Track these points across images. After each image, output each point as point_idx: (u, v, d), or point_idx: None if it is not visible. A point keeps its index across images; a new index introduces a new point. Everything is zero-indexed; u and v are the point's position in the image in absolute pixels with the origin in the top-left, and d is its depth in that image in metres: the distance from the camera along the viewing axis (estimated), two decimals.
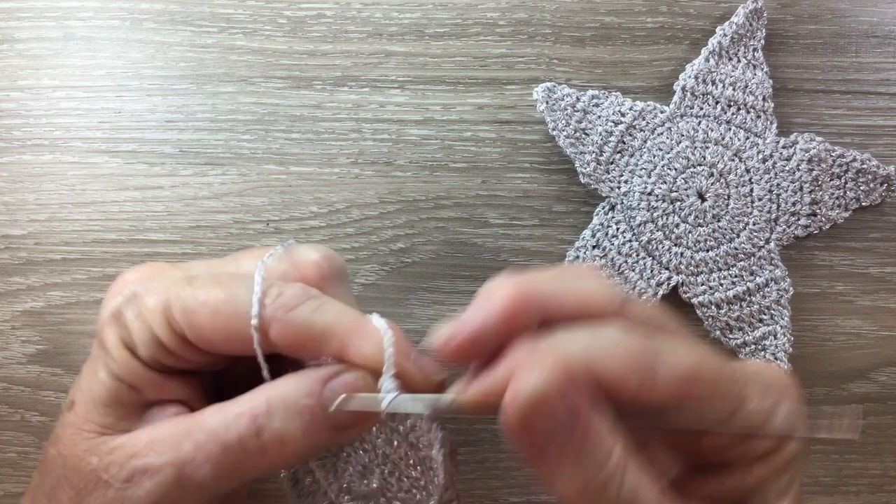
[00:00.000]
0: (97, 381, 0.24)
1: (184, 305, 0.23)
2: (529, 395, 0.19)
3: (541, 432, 0.19)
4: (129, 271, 0.26)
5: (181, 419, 0.23)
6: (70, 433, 0.24)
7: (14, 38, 0.36)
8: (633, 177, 0.35)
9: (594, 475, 0.20)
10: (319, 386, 0.23)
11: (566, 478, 0.20)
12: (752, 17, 0.36)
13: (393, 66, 0.36)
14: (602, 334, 0.20)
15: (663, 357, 0.20)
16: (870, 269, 0.36)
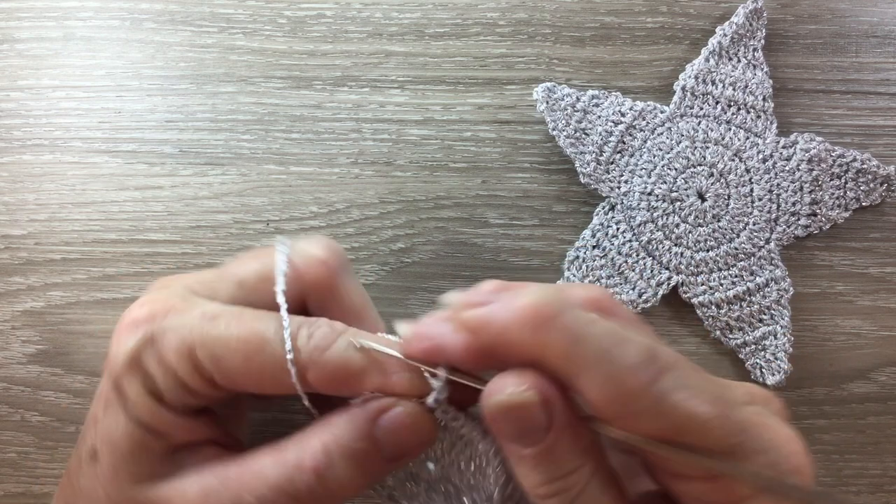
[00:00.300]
0: (120, 430, 0.23)
1: (211, 351, 0.22)
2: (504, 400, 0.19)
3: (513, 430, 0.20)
4: (137, 305, 0.24)
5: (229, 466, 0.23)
6: (100, 486, 0.23)
7: (14, 38, 0.36)
8: (633, 177, 0.35)
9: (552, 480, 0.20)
10: (371, 426, 0.22)
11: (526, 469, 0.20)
12: (752, 17, 0.36)
13: (393, 66, 0.36)
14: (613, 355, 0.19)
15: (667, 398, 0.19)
16: (870, 269, 0.36)
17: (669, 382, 0.19)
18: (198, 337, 0.23)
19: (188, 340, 0.23)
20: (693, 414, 0.19)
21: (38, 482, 0.35)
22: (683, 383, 0.19)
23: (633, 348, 0.19)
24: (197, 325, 0.23)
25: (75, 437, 0.34)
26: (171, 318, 0.23)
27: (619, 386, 0.19)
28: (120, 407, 0.23)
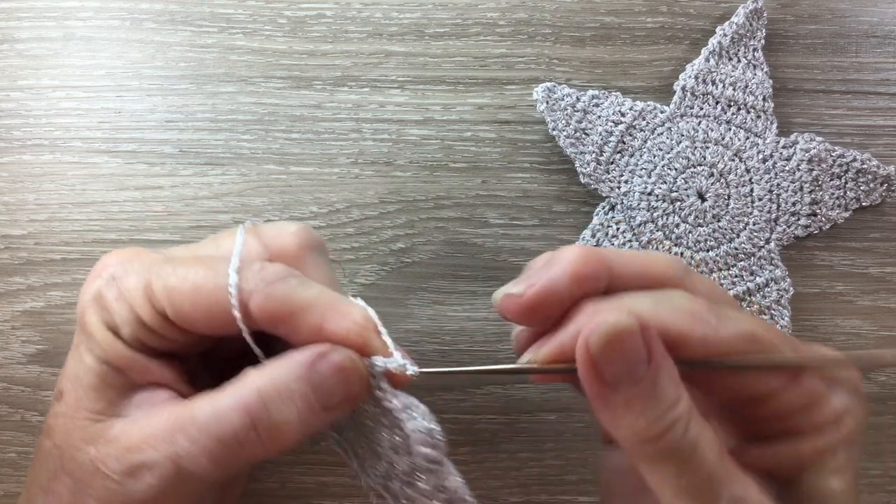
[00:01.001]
0: (83, 367, 0.24)
1: (164, 283, 0.23)
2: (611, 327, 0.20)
3: (617, 367, 0.20)
4: (108, 255, 0.26)
5: (171, 410, 0.23)
6: (63, 423, 0.24)
7: (14, 38, 0.36)
8: (633, 177, 0.35)
9: (660, 417, 0.20)
10: (308, 369, 0.22)
11: (631, 418, 0.21)
12: (752, 17, 0.36)
13: (393, 66, 0.36)
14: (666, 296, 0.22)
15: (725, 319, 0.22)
16: (870, 269, 0.36)
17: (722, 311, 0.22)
18: (154, 273, 0.23)
19: (145, 276, 0.23)
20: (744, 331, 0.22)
21: None
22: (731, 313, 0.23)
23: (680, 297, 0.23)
24: (156, 263, 0.24)
25: None
26: (136, 262, 0.24)
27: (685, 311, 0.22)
28: (83, 344, 0.24)
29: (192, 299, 0.23)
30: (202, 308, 0.23)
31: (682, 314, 0.21)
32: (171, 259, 0.24)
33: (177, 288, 0.23)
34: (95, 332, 0.24)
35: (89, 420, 0.23)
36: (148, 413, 0.23)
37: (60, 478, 0.23)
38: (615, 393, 0.20)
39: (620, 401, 0.20)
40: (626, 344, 0.20)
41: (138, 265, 0.24)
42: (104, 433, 0.23)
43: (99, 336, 0.24)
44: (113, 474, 0.22)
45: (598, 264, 0.22)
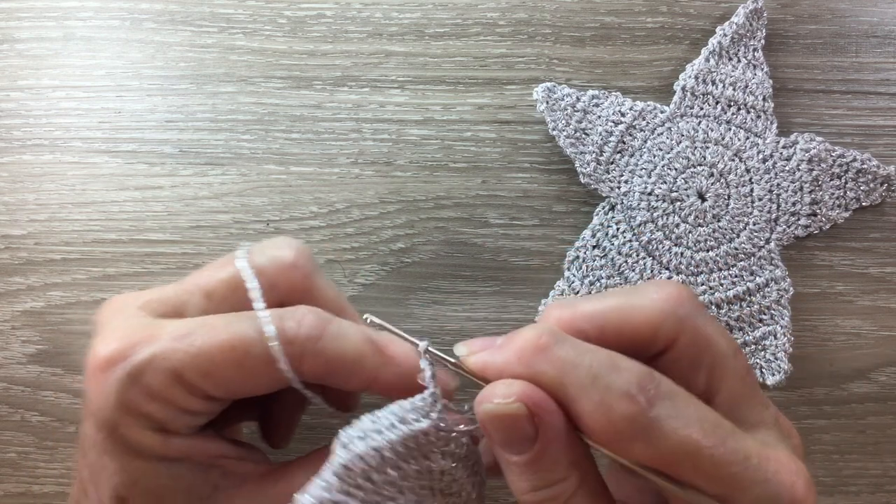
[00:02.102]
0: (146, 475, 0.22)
1: (199, 370, 0.22)
2: (493, 408, 0.20)
3: (499, 437, 0.20)
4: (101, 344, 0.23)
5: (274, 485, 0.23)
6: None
7: (14, 38, 0.36)
8: (633, 177, 0.35)
9: (539, 488, 0.20)
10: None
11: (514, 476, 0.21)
12: (752, 17, 0.36)
13: (393, 66, 0.36)
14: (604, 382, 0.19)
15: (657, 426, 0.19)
16: (870, 269, 0.36)
17: (662, 410, 0.19)
18: (179, 361, 0.22)
19: (172, 367, 0.22)
20: (685, 443, 0.19)
21: (38, 482, 0.35)
22: (677, 412, 0.19)
23: (626, 375, 0.19)
24: (175, 349, 0.22)
25: (75, 437, 0.35)
26: (143, 349, 0.22)
27: (609, 412, 0.19)
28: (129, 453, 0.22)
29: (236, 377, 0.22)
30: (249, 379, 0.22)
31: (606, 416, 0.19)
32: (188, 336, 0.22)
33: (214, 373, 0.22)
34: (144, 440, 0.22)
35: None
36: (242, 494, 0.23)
37: None
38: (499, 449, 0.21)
39: (505, 458, 0.21)
40: (506, 424, 0.20)
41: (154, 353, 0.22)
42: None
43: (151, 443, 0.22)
44: None
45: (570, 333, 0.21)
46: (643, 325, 0.21)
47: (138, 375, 0.22)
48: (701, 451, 0.19)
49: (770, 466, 0.20)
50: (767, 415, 0.22)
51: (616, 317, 0.21)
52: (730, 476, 0.19)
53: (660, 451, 0.19)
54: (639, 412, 0.19)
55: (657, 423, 0.19)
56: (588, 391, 0.19)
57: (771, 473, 0.20)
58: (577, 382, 0.19)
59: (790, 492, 0.20)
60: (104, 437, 0.22)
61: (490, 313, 0.35)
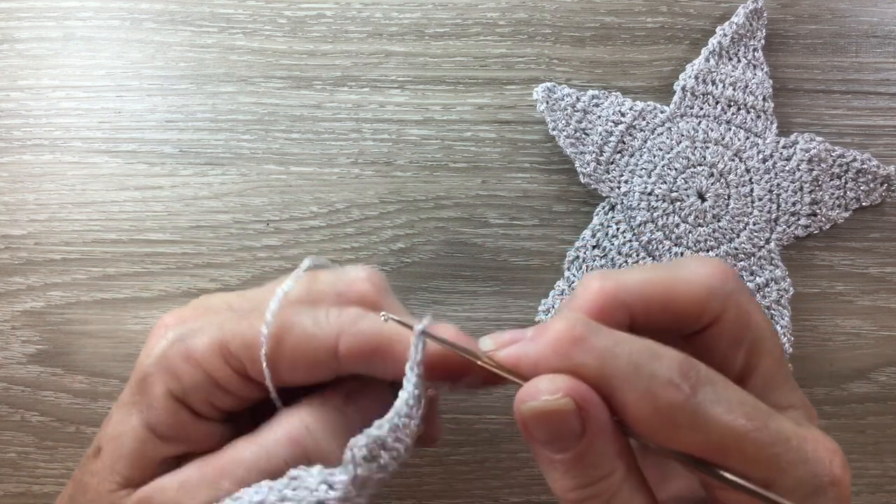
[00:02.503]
0: (129, 430, 0.23)
1: (244, 340, 0.22)
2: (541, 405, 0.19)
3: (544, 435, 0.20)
4: (169, 314, 0.25)
5: (205, 461, 0.23)
6: (95, 482, 0.23)
7: (14, 38, 0.36)
8: (633, 177, 0.35)
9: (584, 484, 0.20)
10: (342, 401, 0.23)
11: (558, 475, 0.20)
12: (752, 17, 0.36)
13: (393, 66, 0.36)
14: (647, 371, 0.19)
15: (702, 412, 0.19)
16: (870, 269, 0.36)
17: (705, 396, 0.19)
18: (229, 331, 0.23)
19: (219, 336, 0.23)
20: (730, 427, 0.19)
21: (38, 482, 0.35)
22: (719, 397, 0.19)
23: (667, 363, 0.19)
24: (228, 321, 0.23)
25: (75, 437, 0.35)
26: (202, 320, 0.24)
27: (655, 401, 0.19)
28: (136, 407, 0.23)
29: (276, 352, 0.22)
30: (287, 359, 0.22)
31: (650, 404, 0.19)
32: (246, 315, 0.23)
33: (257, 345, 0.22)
34: (157, 399, 0.23)
35: (119, 485, 0.23)
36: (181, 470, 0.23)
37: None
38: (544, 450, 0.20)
39: (548, 458, 0.20)
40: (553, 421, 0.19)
41: (208, 324, 0.23)
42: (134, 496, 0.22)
43: (160, 404, 0.23)
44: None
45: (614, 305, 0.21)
46: (690, 301, 0.21)
47: (186, 337, 0.23)
48: (746, 434, 0.19)
49: (808, 446, 0.20)
50: (797, 397, 0.22)
51: (662, 291, 0.21)
52: (773, 457, 0.19)
53: (707, 438, 0.19)
54: (684, 399, 0.19)
55: (702, 409, 0.19)
56: (631, 381, 0.19)
57: (810, 453, 0.20)
58: (620, 373, 0.19)
59: (829, 470, 0.20)
60: (132, 389, 0.23)
61: (490, 313, 0.35)
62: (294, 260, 0.35)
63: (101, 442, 0.24)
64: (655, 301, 0.21)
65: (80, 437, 0.35)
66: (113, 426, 0.23)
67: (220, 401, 0.23)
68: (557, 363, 0.19)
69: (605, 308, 0.21)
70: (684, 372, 0.19)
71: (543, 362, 0.20)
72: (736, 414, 0.19)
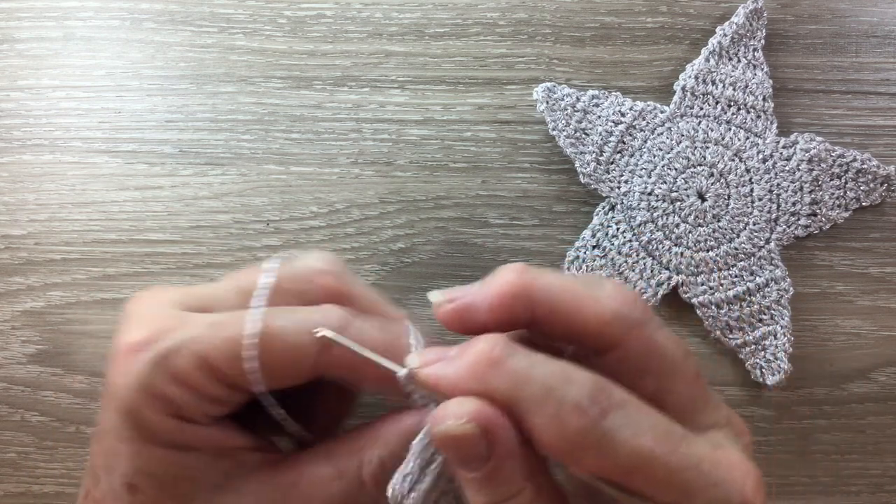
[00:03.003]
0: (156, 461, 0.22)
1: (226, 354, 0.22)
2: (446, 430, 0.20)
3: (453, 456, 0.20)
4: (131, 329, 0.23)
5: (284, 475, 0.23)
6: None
7: (14, 38, 0.36)
8: (633, 177, 0.35)
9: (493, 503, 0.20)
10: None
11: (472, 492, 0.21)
12: (752, 17, 0.36)
13: (393, 66, 0.36)
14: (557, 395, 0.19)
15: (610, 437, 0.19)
16: (870, 269, 0.36)
17: (615, 421, 0.19)
18: (207, 346, 0.22)
19: (200, 352, 0.22)
20: (638, 451, 0.19)
21: (38, 482, 0.35)
22: (630, 421, 0.19)
23: (578, 388, 0.19)
24: (205, 335, 0.22)
25: (75, 437, 0.35)
26: (173, 335, 0.22)
27: (562, 426, 0.19)
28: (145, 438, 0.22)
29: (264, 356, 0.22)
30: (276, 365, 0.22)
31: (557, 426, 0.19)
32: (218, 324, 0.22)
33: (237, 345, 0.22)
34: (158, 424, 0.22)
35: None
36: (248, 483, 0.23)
37: None
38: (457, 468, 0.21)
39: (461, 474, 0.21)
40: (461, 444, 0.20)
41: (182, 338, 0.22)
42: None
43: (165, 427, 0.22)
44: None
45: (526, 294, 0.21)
46: (593, 320, 0.21)
47: (165, 359, 0.22)
48: (654, 459, 0.19)
49: (721, 470, 0.20)
50: (719, 416, 0.22)
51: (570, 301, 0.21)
52: (682, 482, 0.19)
53: (613, 462, 0.19)
54: (591, 424, 0.19)
55: (610, 434, 0.19)
56: (541, 405, 0.19)
57: (721, 477, 0.20)
58: (530, 397, 0.19)
59: (740, 493, 0.20)
60: (122, 421, 0.22)
61: None
62: None
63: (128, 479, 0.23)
64: (561, 310, 0.21)
65: (80, 437, 0.35)
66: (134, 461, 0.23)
67: (213, 410, 0.23)
68: (473, 386, 0.20)
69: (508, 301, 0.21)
70: (594, 396, 0.19)
71: (461, 384, 0.20)
72: (645, 438, 0.19)
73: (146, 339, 0.22)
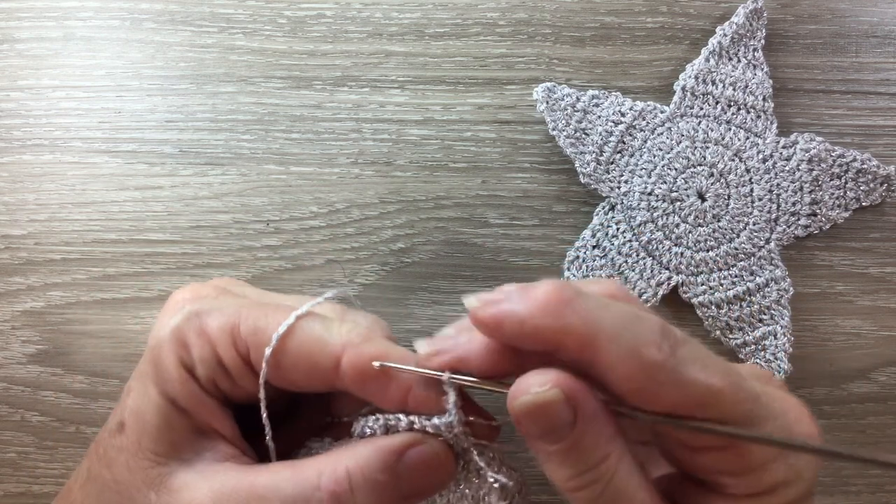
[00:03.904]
0: (148, 402, 0.23)
1: (254, 325, 0.23)
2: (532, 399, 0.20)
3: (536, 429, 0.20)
4: (184, 290, 0.26)
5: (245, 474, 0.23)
6: (124, 459, 0.23)
7: (14, 38, 0.36)
8: (633, 177, 0.35)
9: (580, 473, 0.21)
10: (396, 459, 0.22)
11: (554, 466, 0.21)
12: (752, 17, 0.36)
13: (393, 66, 0.36)
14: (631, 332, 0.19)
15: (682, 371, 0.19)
16: (870, 269, 0.36)
17: (684, 355, 0.20)
18: (243, 314, 0.23)
19: (232, 317, 0.23)
20: (708, 384, 0.20)
21: (38, 482, 0.35)
22: (696, 357, 0.20)
23: (649, 324, 0.20)
24: (245, 305, 0.24)
25: (75, 437, 0.35)
26: (220, 300, 0.25)
27: (639, 359, 0.19)
28: (151, 379, 0.24)
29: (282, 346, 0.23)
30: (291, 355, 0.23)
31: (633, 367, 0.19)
32: (263, 304, 0.24)
33: (265, 332, 0.23)
34: (169, 368, 0.23)
35: (150, 462, 0.23)
36: (214, 469, 0.23)
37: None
38: (539, 443, 0.21)
39: (544, 450, 0.21)
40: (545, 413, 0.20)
41: (225, 304, 0.24)
42: (167, 481, 0.23)
43: (173, 374, 0.23)
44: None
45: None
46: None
47: (200, 313, 0.24)
48: (721, 392, 0.20)
49: (776, 404, 0.21)
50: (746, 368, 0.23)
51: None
52: (747, 412, 0.20)
53: (685, 394, 0.20)
54: (666, 358, 0.19)
55: (683, 367, 0.19)
56: (618, 342, 0.19)
57: (781, 409, 0.21)
58: (606, 334, 0.19)
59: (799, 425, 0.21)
60: (145, 362, 0.24)
61: None
62: (294, 260, 0.35)
63: (123, 416, 0.24)
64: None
65: (80, 437, 0.35)
66: (133, 400, 0.24)
67: (222, 382, 0.24)
68: (549, 322, 0.20)
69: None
70: (665, 333, 0.20)
71: (530, 321, 0.20)
72: (711, 371, 0.20)
73: (193, 296, 0.25)
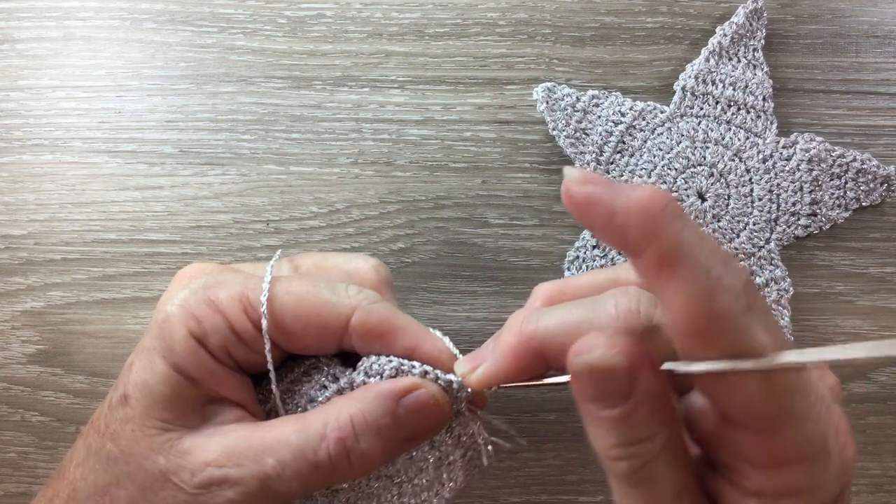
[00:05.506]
0: (155, 374, 0.24)
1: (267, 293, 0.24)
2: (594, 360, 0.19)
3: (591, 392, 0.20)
4: (188, 267, 0.26)
5: (253, 430, 0.24)
6: (130, 429, 0.23)
7: (14, 38, 0.36)
8: (633, 177, 0.35)
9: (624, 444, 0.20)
10: (395, 404, 0.24)
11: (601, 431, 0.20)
12: (752, 17, 0.36)
13: (393, 66, 0.36)
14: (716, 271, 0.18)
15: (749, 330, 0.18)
16: (870, 269, 0.36)
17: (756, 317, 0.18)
18: (250, 284, 0.24)
19: (240, 287, 0.24)
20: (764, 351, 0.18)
21: (38, 482, 0.35)
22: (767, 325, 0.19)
23: (734, 275, 0.18)
24: (251, 278, 0.25)
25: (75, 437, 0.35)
26: (226, 274, 0.25)
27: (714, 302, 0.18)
28: (158, 352, 0.24)
29: (294, 311, 0.24)
30: (303, 319, 0.24)
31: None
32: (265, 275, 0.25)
33: (279, 298, 0.24)
34: (178, 339, 0.24)
35: (158, 429, 0.23)
36: (223, 430, 0.24)
37: (123, 484, 0.23)
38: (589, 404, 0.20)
39: (593, 413, 0.20)
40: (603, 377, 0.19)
41: (231, 278, 0.25)
42: (175, 445, 0.23)
43: (182, 345, 0.24)
44: (185, 486, 0.23)
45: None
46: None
47: (210, 285, 0.24)
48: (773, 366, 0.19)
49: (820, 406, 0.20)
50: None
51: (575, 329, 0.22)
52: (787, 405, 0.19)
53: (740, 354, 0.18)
54: (738, 311, 0.18)
55: (750, 326, 0.18)
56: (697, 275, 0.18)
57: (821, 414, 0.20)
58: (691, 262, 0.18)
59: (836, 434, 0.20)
60: (152, 336, 0.24)
61: (490, 313, 0.35)
62: None
63: (126, 390, 0.24)
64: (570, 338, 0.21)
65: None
66: (137, 373, 0.24)
67: (236, 350, 0.24)
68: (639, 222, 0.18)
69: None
70: (747, 289, 0.18)
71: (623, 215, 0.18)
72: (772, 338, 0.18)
73: (199, 270, 0.26)
